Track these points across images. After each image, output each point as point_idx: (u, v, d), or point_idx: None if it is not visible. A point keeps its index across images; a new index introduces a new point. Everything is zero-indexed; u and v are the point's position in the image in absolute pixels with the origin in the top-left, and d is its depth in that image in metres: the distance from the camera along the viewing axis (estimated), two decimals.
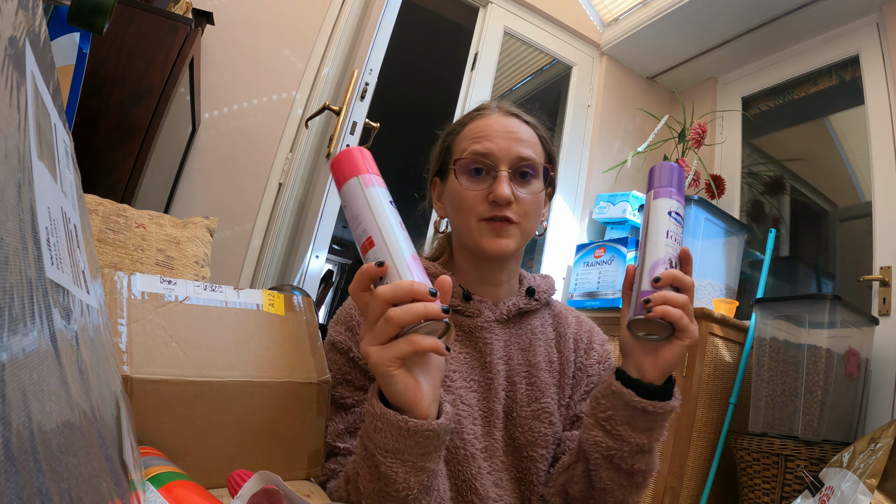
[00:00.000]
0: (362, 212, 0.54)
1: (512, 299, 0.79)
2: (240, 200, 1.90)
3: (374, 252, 0.53)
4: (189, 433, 0.53)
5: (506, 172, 0.72)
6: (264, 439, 0.58)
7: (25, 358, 0.18)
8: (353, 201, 0.55)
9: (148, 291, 0.58)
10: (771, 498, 1.51)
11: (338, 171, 0.57)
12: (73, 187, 0.32)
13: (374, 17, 1.71)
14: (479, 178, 0.74)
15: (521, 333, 0.79)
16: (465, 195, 0.74)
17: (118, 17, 1.22)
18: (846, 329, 1.62)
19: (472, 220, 0.73)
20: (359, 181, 0.56)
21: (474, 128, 0.77)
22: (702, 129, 2.25)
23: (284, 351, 0.61)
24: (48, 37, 0.28)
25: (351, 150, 0.58)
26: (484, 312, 0.77)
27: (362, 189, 0.55)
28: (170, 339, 0.55)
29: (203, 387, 0.54)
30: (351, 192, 0.55)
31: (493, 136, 0.74)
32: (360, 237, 0.54)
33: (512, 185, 0.72)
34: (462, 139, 0.78)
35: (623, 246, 2.11)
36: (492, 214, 0.72)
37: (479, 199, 0.73)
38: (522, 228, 0.74)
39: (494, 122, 0.77)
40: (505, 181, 0.72)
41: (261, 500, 0.41)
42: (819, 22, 2.21)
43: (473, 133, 0.77)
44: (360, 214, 0.54)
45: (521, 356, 0.78)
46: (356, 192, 0.55)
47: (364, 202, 0.55)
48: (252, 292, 0.65)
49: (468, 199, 0.74)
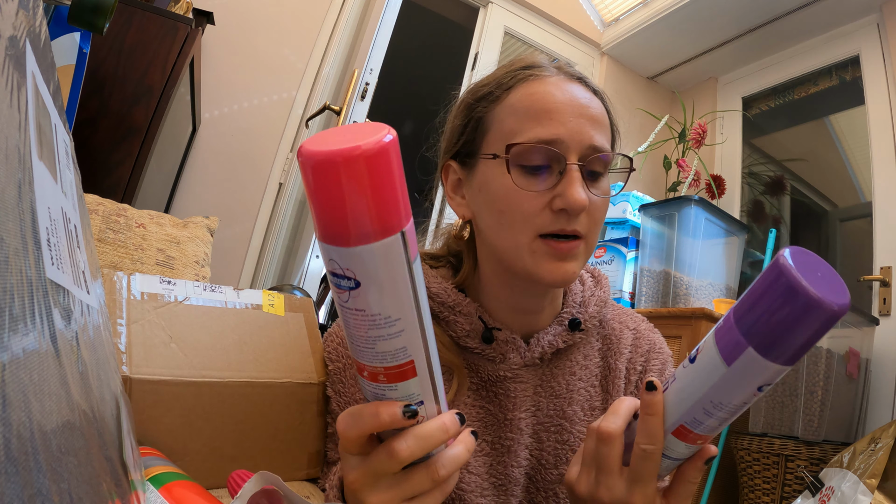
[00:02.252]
0: (401, 310, 0.31)
1: (549, 335, 0.60)
2: (240, 200, 1.89)
3: (409, 386, 0.34)
4: (188, 433, 0.53)
5: (578, 167, 0.52)
6: (264, 440, 0.57)
7: (26, 358, 0.18)
8: (381, 286, 0.30)
9: (147, 292, 0.58)
10: (771, 498, 1.51)
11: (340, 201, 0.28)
12: (74, 187, 0.32)
13: (375, 17, 1.71)
14: (537, 175, 0.53)
15: (557, 375, 0.61)
16: (518, 199, 0.53)
17: (118, 17, 1.22)
18: (846, 329, 1.62)
19: (524, 234, 0.53)
20: (403, 243, 0.30)
21: (528, 96, 0.55)
22: (702, 129, 2.25)
23: (284, 351, 0.61)
24: (48, 37, 0.28)
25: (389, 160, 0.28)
26: (510, 356, 0.58)
27: (408, 266, 0.31)
28: (169, 339, 0.55)
29: (202, 387, 0.54)
30: (378, 264, 0.30)
31: (560, 114, 0.53)
32: (384, 352, 0.32)
33: (585, 185, 0.53)
34: (507, 111, 0.56)
35: (623, 246, 2.10)
36: (557, 229, 0.53)
37: (540, 205, 0.53)
38: (589, 244, 0.56)
39: (557, 89, 0.55)
40: (578, 181, 0.52)
41: (260, 501, 0.41)
42: (819, 22, 2.21)
43: (528, 104, 0.55)
44: (391, 313, 0.31)
45: (554, 405, 0.60)
46: (394, 276, 0.30)
47: (407, 293, 0.31)
48: (252, 293, 0.65)
49: (524, 205, 0.53)
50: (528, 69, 0.58)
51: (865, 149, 2.04)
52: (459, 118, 0.61)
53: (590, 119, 0.54)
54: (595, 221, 0.55)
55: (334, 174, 0.27)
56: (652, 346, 0.66)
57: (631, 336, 0.65)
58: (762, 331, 0.36)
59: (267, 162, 1.95)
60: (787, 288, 0.34)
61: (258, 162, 1.94)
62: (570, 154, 0.53)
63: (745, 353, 0.36)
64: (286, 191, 1.94)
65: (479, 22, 2.49)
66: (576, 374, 0.62)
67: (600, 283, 0.66)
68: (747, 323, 0.36)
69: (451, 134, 0.62)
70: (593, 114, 0.55)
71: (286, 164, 1.97)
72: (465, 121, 0.60)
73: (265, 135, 1.95)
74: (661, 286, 1.98)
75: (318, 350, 0.64)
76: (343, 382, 0.60)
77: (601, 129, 0.55)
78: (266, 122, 1.96)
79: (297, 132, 1.99)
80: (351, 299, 0.31)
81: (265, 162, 1.94)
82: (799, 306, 0.34)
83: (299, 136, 1.99)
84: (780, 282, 0.34)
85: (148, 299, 0.57)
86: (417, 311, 0.32)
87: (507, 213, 0.54)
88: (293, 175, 1.95)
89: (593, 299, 0.63)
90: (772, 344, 0.35)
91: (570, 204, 0.51)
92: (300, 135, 1.99)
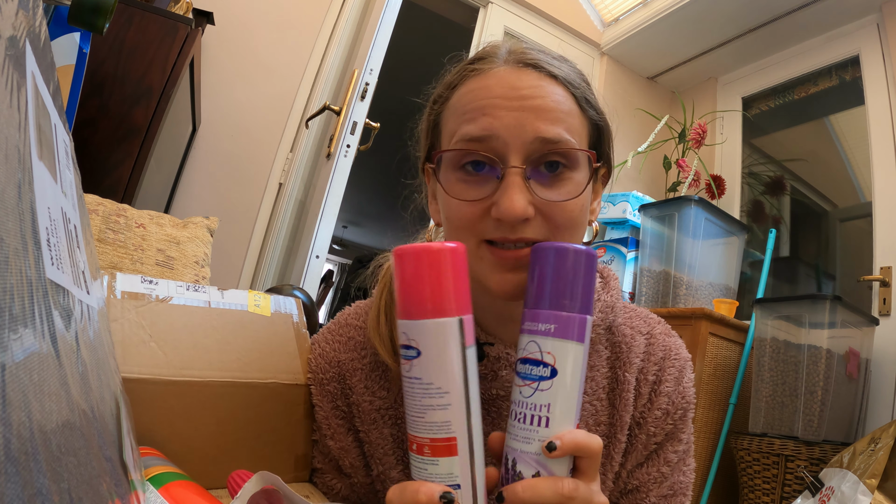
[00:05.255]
0: (451, 384, 0.37)
1: None
2: (240, 200, 1.90)
3: (450, 464, 0.37)
4: (168, 433, 0.52)
5: (518, 170, 0.47)
6: (247, 441, 0.56)
7: (26, 358, 0.18)
8: (437, 357, 0.37)
9: (128, 291, 0.56)
10: (771, 498, 1.51)
11: (418, 282, 0.37)
12: (73, 187, 0.32)
13: (375, 17, 1.71)
14: (476, 181, 0.49)
15: None
16: (455, 208, 0.49)
17: (118, 17, 1.22)
18: (846, 329, 1.62)
19: (469, 242, 0.48)
20: (460, 329, 0.37)
21: (466, 94, 0.50)
22: (702, 129, 2.25)
23: (269, 351, 0.60)
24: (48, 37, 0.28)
25: (456, 259, 0.38)
26: (501, 374, 0.54)
27: (462, 348, 0.37)
28: (149, 338, 0.54)
29: (182, 387, 0.53)
30: (437, 338, 0.37)
31: (495, 108, 0.48)
32: (431, 422, 0.37)
33: (533, 186, 0.47)
34: (450, 112, 0.52)
35: (623, 246, 2.10)
36: (499, 237, 0.48)
37: (479, 214, 0.48)
38: None
39: (498, 81, 0.49)
40: (515, 187, 0.46)
41: (260, 501, 0.41)
42: (819, 22, 2.21)
43: (465, 103, 0.50)
44: (441, 384, 0.37)
45: None
46: (448, 350, 0.37)
47: (458, 373, 0.37)
48: (237, 293, 0.63)
49: (463, 211, 0.48)
50: (473, 63, 0.52)
51: (865, 149, 2.04)
52: (424, 121, 0.58)
53: (534, 109, 0.47)
54: (559, 226, 0.48)
55: (417, 262, 0.37)
56: (667, 353, 0.59)
57: (644, 342, 0.59)
58: (566, 292, 0.40)
59: (267, 162, 1.95)
60: (557, 252, 0.40)
61: (258, 162, 1.94)
62: (510, 153, 0.47)
63: (582, 318, 0.40)
64: (286, 191, 1.94)
65: (479, 22, 2.49)
66: None
67: (608, 286, 0.60)
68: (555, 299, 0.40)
69: (421, 138, 0.59)
70: (540, 103, 0.47)
71: (286, 164, 1.97)
72: (427, 124, 0.57)
73: (265, 135, 1.95)
74: (660, 286, 1.98)
75: (306, 350, 0.63)
76: (322, 396, 0.59)
77: (553, 120, 0.48)
78: (266, 122, 1.96)
79: (297, 132, 1.99)
80: (412, 368, 0.37)
81: (265, 162, 1.94)
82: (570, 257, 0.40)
83: (299, 136, 1.99)
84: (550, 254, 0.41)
85: (128, 298, 0.56)
86: (466, 393, 0.37)
87: (451, 219, 0.50)
88: (293, 175, 1.95)
89: (598, 304, 0.57)
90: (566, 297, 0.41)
91: (503, 214, 0.46)
92: (300, 135, 1.99)
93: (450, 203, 0.50)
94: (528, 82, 0.49)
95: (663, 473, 0.58)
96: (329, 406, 0.58)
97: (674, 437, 0.58)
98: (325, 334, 0.62)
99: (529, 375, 0.40)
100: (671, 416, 0.57)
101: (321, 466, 0.60)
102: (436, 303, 0.37)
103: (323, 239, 1.60)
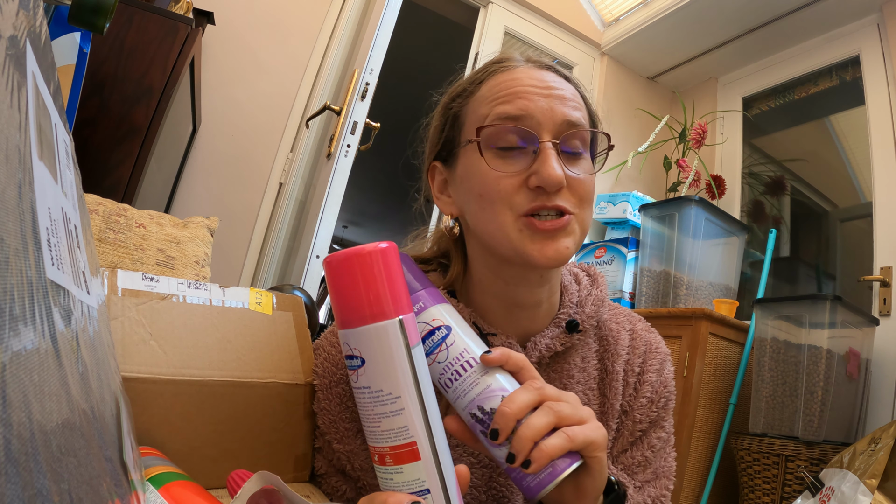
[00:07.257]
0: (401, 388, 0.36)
1: (546, 338, 0.58)
2: (240, 200, 1.90)
3: (414, 470, 0.36)
4: (166, 433, 0.51)
5: (553, 144, 0.52)
6: (246, 441, 0.56)
7: (26, 358, 0.18)
8: (382, 362, 0.36)
9: (128, 288, 0.56)
10: (771, 498, 1.51)
11: (352, 289, 0.36)
12: (74, 187, 0.32)
13: (375, 17, 1.71)
14: (511, 156, 0.53)
15: (555, 380, 0.60)
16: (495, 180, 0.52)
17: (119, 16, 1.22)
18: (846, 329, 1.62)
19: (506, 217, 0.52)
20: (401, 330, 0.36)
21: (497, 85, 0.56)
22: (702, 129, 2.25)
23: (270, 351, 0.59)
24: (49, 36, 0.28)
25: (387, 261, 0.37)
26: None
27: (407, 348, 0.36)
28: (148, 336, 0.53)
29: (181, 386, 0.52)
30: (380, 343, 0.36)
31: (528, 94, 0.54)
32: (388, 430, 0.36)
33: (562, 160, 0.53)
34: (479, 102, 0.57)
35: (623, 246, 2.10)
36: (537, 206, 0.51)
37: (516, 185, 0.52)
38: (581, 222, 0.54)
39: (526, 74, 0.56)
40: (553, 158, 0.51)
41: (260, 501, 0.41)
42: (819, 22, 2.21)
43: (497, 91, 0.55)
44: (392, 390, 0.36)
45: None
46: (392, 354, 0.36)
47: (407, 375, 0.36)
48: (238, 290, 0.62)
49: (501, 185, 0.52)
50: (497, 63, 0.59)
51: (865, 149, 2.04)
52: (438, 118, 0.62)
53: (560, 98, 0.54)
54: (582, 199, 0.54)
55: (348, 268, 0.36)
56: (649, 347, 0.64)
57: (627, 337, 0.64)
58: None
59: (267, 162, 1.95)
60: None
61: (258, 162, 1.94)
62: (543, 132, 0.53)
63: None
64: (286, 191, 1.94)
65: (479, 22, 2.49)
66: (573, 378, 0.60)
67: (596, 282, 0.64)
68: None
69: (432, 135, 0.63)
70: (563, 94, 0.55)
71: (286, 164, 1.97)
72: (443, 120, 0.61)
73: (265, 135, 1.95)
74: (661, 286, 1.98)
75: (307, 350, 0.62)
76: (329, 400, 0.58)
77: (575, 108, 0.55)
78: (266, 122, 1.96)
79: (298, 132, 1.99)
80: (360, 378, 0.36)
81: (265, 162, 1.94)
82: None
83: (299, 136, 1.99)
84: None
85: (129, 296, 0.55)
86: (419, 394, 0.36)
87: (486, 195, 0.53)
88: (293, 175, 1.95)
89: (590, 299, 0.61)
90: None
91: (545, 180, 0.50)
92: (300, 135, 1.99)
93: (486, 177, 0.53)
94: (552, 78, 0.56)
95: (647, 458, 0.62)
96: (338, 409, 0.58)
97: (657, 424, 0.63)
98: (329, 338, 0.62)
99: (436, 343, 0.43)
100: (655, 405, 0.62)
101: (325, 471, 0.60)
102: (372, 307, 0.36)
103: (323, 239, 1.60)
